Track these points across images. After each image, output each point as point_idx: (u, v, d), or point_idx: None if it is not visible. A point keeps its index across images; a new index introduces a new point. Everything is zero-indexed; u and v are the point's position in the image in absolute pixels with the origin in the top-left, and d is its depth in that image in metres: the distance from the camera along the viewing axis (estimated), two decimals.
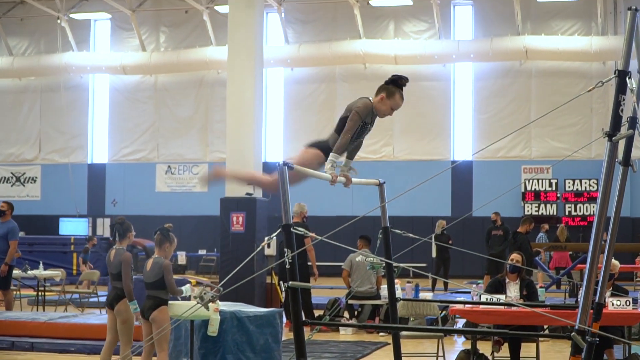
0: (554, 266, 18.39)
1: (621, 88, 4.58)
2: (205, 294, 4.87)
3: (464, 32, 24.66)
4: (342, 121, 5.59)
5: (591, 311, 4.64)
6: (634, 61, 4.75)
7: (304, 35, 25.19)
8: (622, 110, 4.61)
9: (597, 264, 4.57)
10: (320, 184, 15.53)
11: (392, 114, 5.75)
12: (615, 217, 4.84)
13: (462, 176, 23.90)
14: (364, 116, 5.54)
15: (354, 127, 5.52)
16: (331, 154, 5.48)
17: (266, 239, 5.28)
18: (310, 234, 5.25)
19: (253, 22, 15.31)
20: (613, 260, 8.26)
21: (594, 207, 22.62)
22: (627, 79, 4.62)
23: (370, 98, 5.60)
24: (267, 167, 16.70)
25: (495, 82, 24.21)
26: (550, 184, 23.64)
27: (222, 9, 23.03)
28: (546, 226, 20.84)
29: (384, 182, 7.18)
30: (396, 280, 10.29)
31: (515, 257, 9.61)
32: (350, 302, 12.55)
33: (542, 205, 23.58)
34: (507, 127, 23.05)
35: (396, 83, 5.66)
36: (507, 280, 9.44)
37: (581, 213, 23.45)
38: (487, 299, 8.59)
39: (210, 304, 5.43)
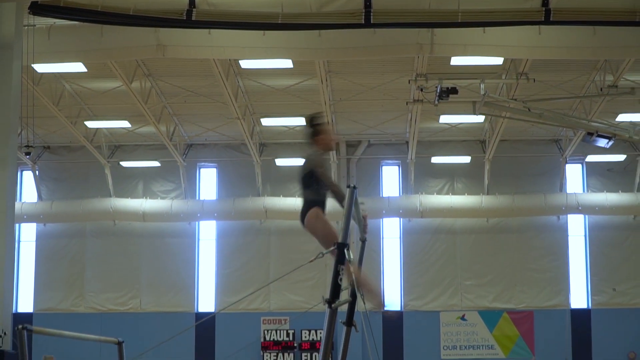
0: None
1: (340, 259, 6.42)
2: None
3: (209, 192, 35.48)
4: (307, 177, 8.59)
5: None
6: None
7: (57, 192, 35.16)
8: (341, 279, 6.38)
9: None
10: None
11: (334, 144, 8.70)
12: None
13: (206, 326, 33.78)
14: (323, 163, 8.35)
15: (327, 173, 8.40)
16: (332, 186, 8.22)
17: None
18: None
19: (5, 181, 23.54)
20: None
21: None
22: (345, 251, 6.42)
23: (312, 153, 8.49)
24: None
25: (237, 239, 34.84)
26: (288, 334, 34.02)
27: None
28: None
29: (123, 342, 10.03)
30: None
31: None
32: None
33: (280, 355, 33.86)
34: (248, 282, 33.61)
35: (316, 122, 8.50)
36: None
37: None
38: None
39: None
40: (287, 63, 25.35)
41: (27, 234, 35.83)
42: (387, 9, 20.44)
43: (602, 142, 26.05)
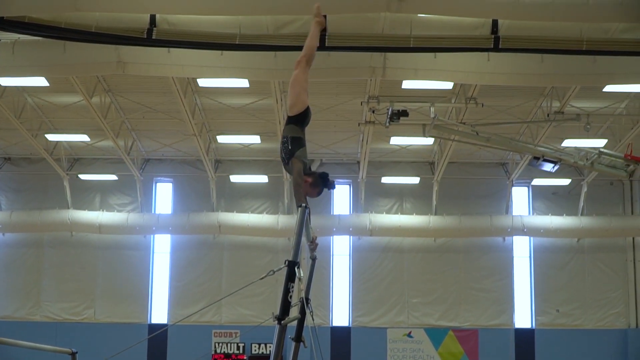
0: None
1: (290, 276, 6.47)
2: None
3: (164, 206, 35.54)
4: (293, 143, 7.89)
5: None
6: None
7: (16, 203, 35.03)
8: (290, 297, 6.43)
9: None
10: None
11: (302, 195, 7.59)
12: None
13: (158, 338, 33.69)
14: (297, 175, 7.69)
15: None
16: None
17: None
18: None
19: None
20: None
21: None
22: (296, 269, 6.47)
23: (301, 169, 7.71)
24: None
25: (191, 253, 34.89)
26: (238, 347, 33.99)
27: None
28: None
29: (77, 352, 10.10)
30: None
31: None
32: None
33: None
34: (201, 294, 33.73)
35: (325, 183, 7.81)
36: None
37: None
38: None
39: None
40: (243, 82, 25.54)
41: None
42: (342, 33, 20.68)
43: (548, 167, 26.48)
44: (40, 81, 25.60)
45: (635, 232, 34.43)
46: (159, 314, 34.99)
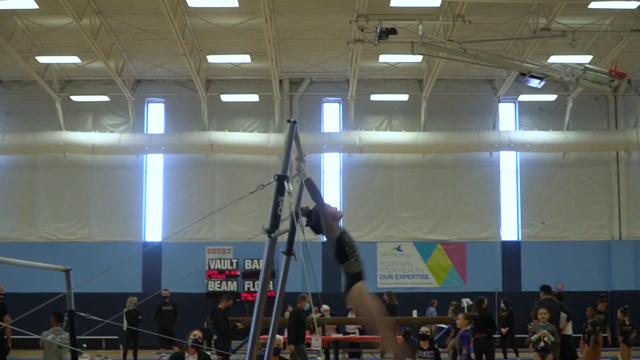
0: None
1: (280, 190, 6.50)
2: None
3: (157, 126, 35.31)
4: (336, 249, 7.60)
5: None
6: None
7: (9, 125, 34.76)
8: (280, 210, 6.50)
9: (258, 336, 6.52)
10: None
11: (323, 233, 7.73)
12: (280, 296, 7.47)
13: (153, 256, 33.77)
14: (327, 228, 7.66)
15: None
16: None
17: None
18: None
19: None
20: (278, 336, 12.12)
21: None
22: (285, 183, 6.50)
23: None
24: None
25: (183, 172, 34.76)
26: (232, 263, 34.11)
27: None
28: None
29: (70, 269, 10.22)
30: (86, 355, 16.21)
31: (196, 333, 13.58)
32: None
33: (224, 282, 33.97)
34: (194, 213, 33.51)
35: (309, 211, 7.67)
36: (186, 355, 13.33)
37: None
38: None
39: None
40: (232, 2, 25.24)
41: None
42: None
43: (534, 83, 26.31)
44: (29, 3, 25.22)
45: (619, 146, 34.52)
46: (154, 232, 35.03)
